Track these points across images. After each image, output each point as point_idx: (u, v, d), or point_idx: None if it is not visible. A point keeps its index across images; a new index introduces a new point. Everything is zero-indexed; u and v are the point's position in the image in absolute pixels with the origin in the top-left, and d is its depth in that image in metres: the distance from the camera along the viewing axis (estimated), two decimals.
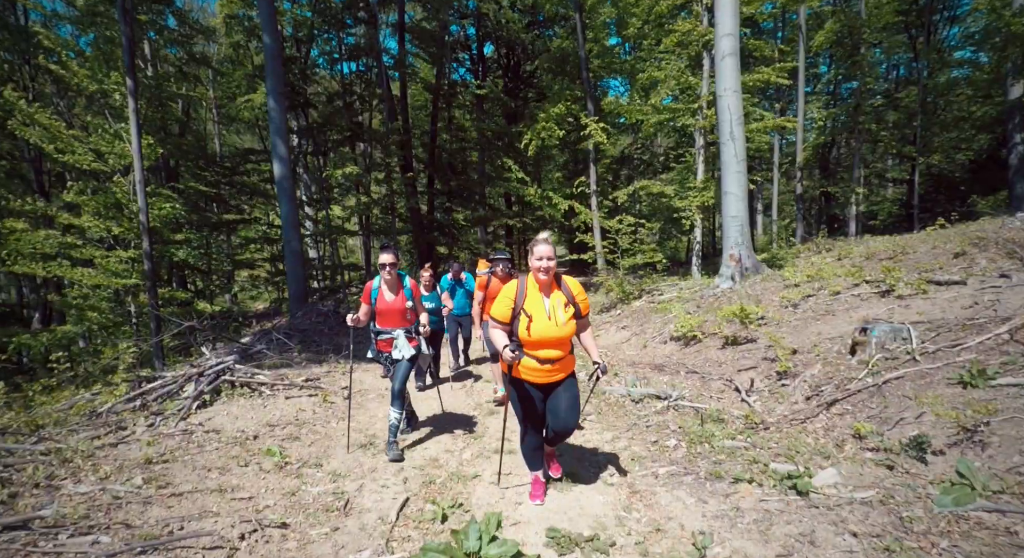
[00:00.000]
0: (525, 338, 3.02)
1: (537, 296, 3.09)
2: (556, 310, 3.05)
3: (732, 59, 8.49)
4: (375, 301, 4.33)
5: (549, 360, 3.07)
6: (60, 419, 4.98)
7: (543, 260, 3.04)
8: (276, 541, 3.00)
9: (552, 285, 3.13)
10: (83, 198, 10.50)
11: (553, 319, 3.02)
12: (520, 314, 3.04)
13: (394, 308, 4.31)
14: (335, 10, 16.02)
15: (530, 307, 3.04)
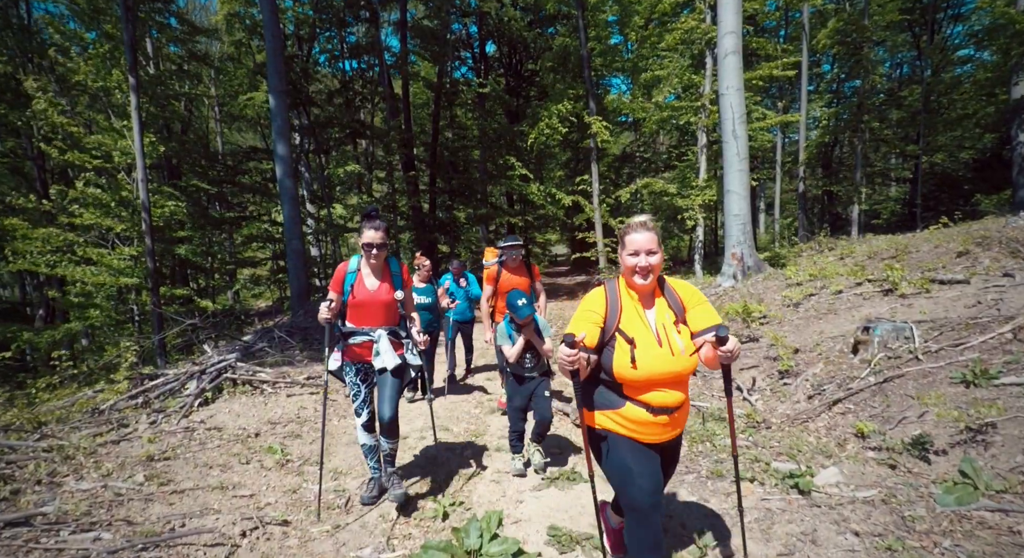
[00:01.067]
0: (628, 375, 2.00)
1: (635, 311, 2.08)
2: (667, 331, 2.05)
3: (735, 57, 8.46)
4: (350, 290, 3.25)
5: (665, 408, 2.03)
6: (62, 416, 4.99)
7: (641, 256, 2.03)
8: (277, 538, 3.00)
9: (655, 292, 2.15)
10: (90, 190, 10.52)
11: (667, 345, 2.01)
12: (615, 339, 2.04)
13: (377, 300, 3.25)
14: (337, 8, 15.99)
15: (630, 327, 2.04)
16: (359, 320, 3.27)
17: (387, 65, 16.72)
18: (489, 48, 20.72)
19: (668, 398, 2.01)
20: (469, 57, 20.75)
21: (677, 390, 2.03)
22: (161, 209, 11.68)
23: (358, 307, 3.24)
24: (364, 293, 3.24)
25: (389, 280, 3.30)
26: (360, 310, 3.25)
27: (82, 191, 10.46)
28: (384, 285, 3.27)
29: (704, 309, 2.11)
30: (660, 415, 2.02)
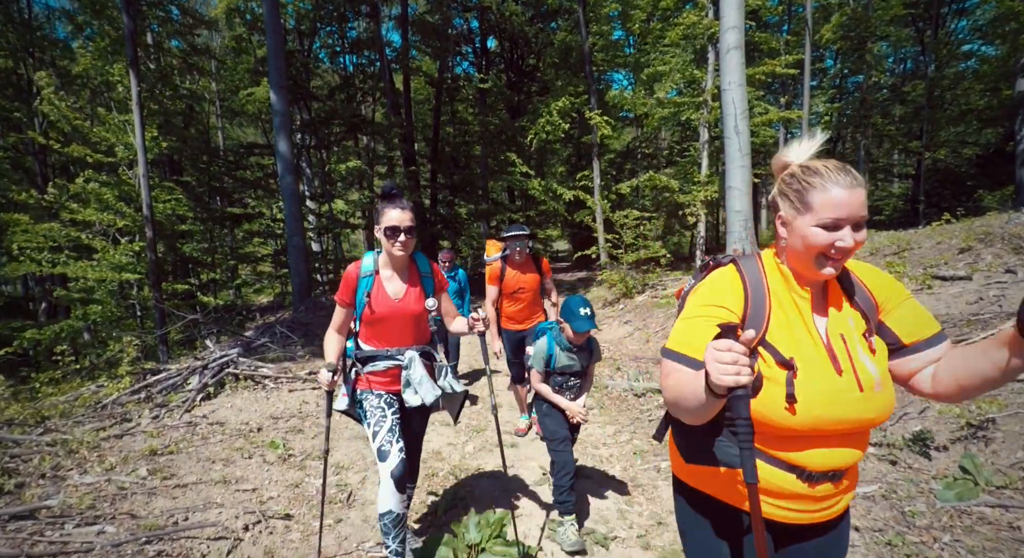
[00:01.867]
0: (779, 421, 1.15)
1: (798, 314, 1.23)
2: (851, 349, 1.20)
3: (737, 53, 8.42)
4: (365, 300, 2.38)
5: (830, 473, 1.20)
6: (66, 411, 5.02)
7: (846, 230, 1.14)
8: (279, 532, 3.02)
9: (833, 289, 1.27)
10: (91, 186, 10.54)
11: (850, 374, 1.17)
12: (757, 358, 1.19)
13: (404, 312, 2.41)
14: (337, 3, 15.94)
15: (785, 340, 1.20)
16: (380, 339, 2.42)
17: (388, 60, 16.68)
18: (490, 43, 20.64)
19: (837, 458, 1.18)
20: (470, 52, 20.67)
21: (855, 446, 1.20)
22: (163, 204, 11.69)
23: (378, 323, 2.38)
24: (386, 303, 2.35)
25: (418, 283, 2.43)
26: (381, 327, 2.39)
27: (83, 186, 10.47)
28: (412, 290, 2.39)
29: (912, 308, 1.25)
30: (820, 484, 1.20)
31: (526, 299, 4.27)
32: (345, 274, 2.39)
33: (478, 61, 20.44)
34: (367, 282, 2.37)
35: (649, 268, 12.00)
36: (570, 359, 2.92)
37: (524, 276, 4.21)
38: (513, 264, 4.17)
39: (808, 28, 15.68)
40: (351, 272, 2.38)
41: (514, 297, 4.25)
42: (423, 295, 2.43)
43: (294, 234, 11.11)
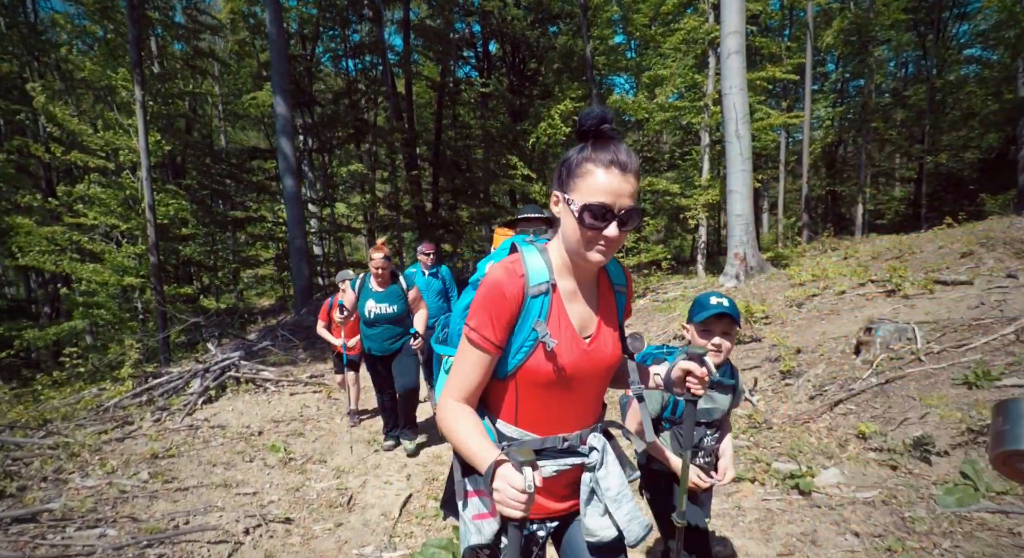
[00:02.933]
0: None
1: None
2: None
3: (738, 57, 8.45)
4: (531, 348, 1.18)
5: None
6: (68, 414, 5.04)
7: None
8: (280, 536, 3.03)
9: None
10: (94, 190, 10.60)
11: None
12: None
13: (600, 363, 1.21)
14: (340, 7, 16.03)
15: None
16: (550, 416, 1.25)
17: (390, 64, 16.74)
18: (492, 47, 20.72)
19: None
20: (472, 56, 20.73)
21: None
22: (165, 208, 11.73)
23: (553, 386, 1.22)
24: (576, 348, 1.21)
25: (611, 306, 1.32)
26: (555, 393, 1.23)
27: (87, 190, 10.52)
28: (605, 322, 1.28)
29: None
30: None
31: None
32: (490, 286, 1.15)
33: (480, 65, 20.50)
34: (538, 305, 1.17)
35: (650, 271, 12.00)
36: (709, 399, 1.87)
37: None
38: None
39: (809, 32, 15.71)
40: (500, 282, 1.15)
41: None
42: (618, 326, 1.30)
43: (296, 237, 11.14)
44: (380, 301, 4.07)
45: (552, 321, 1.17)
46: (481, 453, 1.09)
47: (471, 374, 1.18)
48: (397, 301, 4.11)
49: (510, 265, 1.18)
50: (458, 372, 1.20)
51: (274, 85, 10.68)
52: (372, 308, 4.06)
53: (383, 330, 4.09)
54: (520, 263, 1.18)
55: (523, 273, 1.16)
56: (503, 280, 1.15)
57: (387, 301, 4.08)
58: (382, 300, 4.08)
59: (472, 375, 1.19)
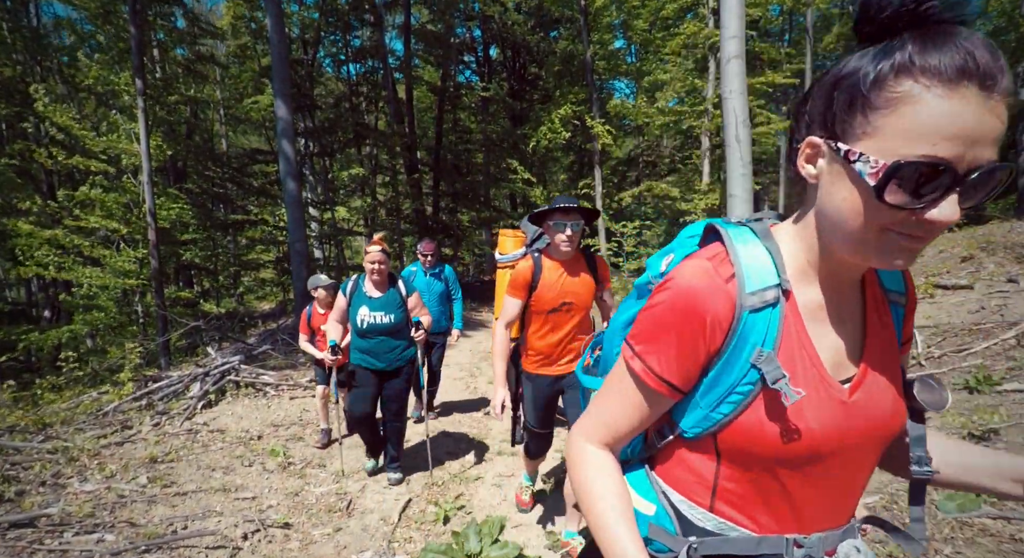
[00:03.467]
0: None
1: None
2: None
3: (738, 62, 8.44)
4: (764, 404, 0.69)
5: None
6: (67, 418, 5.03)
7: None
8: (279, 541, 3.02)
9: None
10: (96, 193, 10.62)
11: None
12: None
13: (872, 428, 0.63)
14: (342, 12, 16.10)
15: None
16: (773, 503, 0.72)
17: (391, 69, 16.80)
18: (492, 52, 20.81)
19: None
20: (472, 61, 20.83)
21: None
22: (167, 211, 11.75)
23: (790, 464, 0.69)
24: (825, 404, 0.68)
25: (889, 341, 0.78)
26: (794, 473, 0.70)
27: (88, 194, 10.55)
28: (881, 372, 0.73)
29: None
30: None
31: (572, 322, 2.64)
32: (676, 296, 0.71)
33: (480, 69, 20.59)
34: (762, 325, 0.70)
35: None
36: None
37: (573, 281, 2.57)
38: (552, 258, 2.56)
39: (809, 37, 15.77)
40: (694, 289, 0.70)
41: (552, 318, 2.61)
42: (898, 363, 0.77)
43: (296, 241, 11.13)
44: (375, 309, 3.49)
45: (785, 352, 0.69)
46: (621, 554, 0.70)
47: (626, 417, 0.77)
48: (395, 309, 3.53)
49: (709, 262, 0.71)
50: (606, 408, 0.79)
51: (275, 89, 10.71)
52: (365, 316, 3.48)
53: (377, 343, 3.50)
54: (727, 258, 0.71)
55: (732, 274, 0.70)
56: (699, 287, 0.69)
57: (384, 309, 3.50)
58: (378, 308, 3.49)
59: (627, 419, 0.77)
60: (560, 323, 2.63)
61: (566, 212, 2.37)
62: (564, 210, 2.36)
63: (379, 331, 3.51)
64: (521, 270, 2.54)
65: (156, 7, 12.75)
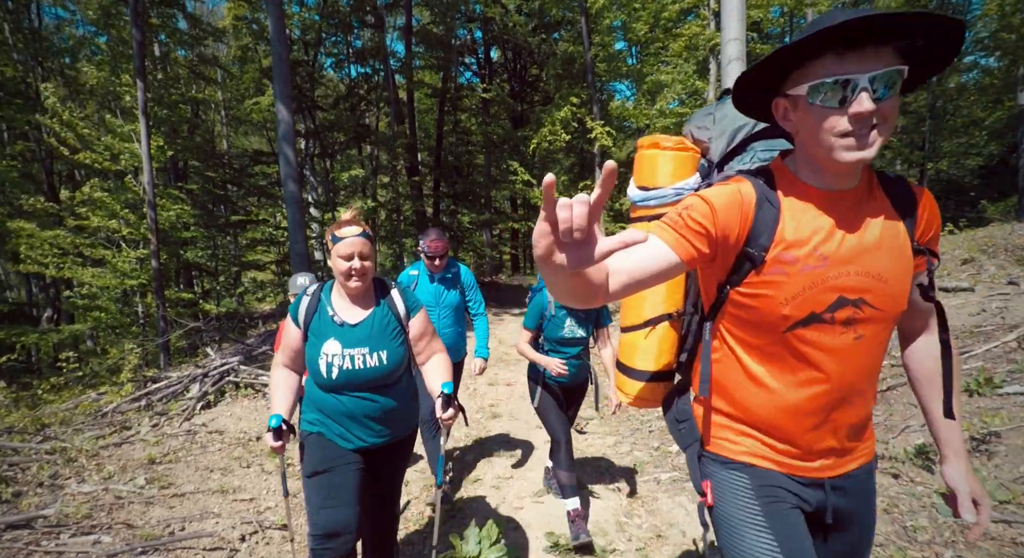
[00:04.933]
0: None
1: None
2: None
3: (738, 64, 8.46)
4: None
5: None
6: (66, 418, 5.02)
7: None
8: (276, 543, 3.00)
9: None
10: (98, 194, 10.63)
11: None
12: None
13: None
14: (343, 13, 16.12)
15: None
16: None
17: (392, 70, 16.82)
18: (493, 54, 20.85)
19: None
20: (474, 62, 20.87)
21: None
22: (167, 212, 11.76)
23: None
24: None
25: None
26: None
27: (89, 194, 10.56)
28: None
29: None
30: None
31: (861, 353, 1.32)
32: None
33: (481, 71, 20.62)
34: None
35: None
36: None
37: (870, 238, 1.22)
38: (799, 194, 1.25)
39: None
40: None
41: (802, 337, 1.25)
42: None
43: (297, 242, 11.14)
44: (353, 342, 1.98)
45: None
46: None
47: None
48: (388, 342, 2.02)
49: None
50: None
51: (276, 91, 10.72)
52: (334, 357, 1.95)
53: (356, 403, 1.98)
54: None
55: None
56: None
57: (368, 342, 1.98)
58: (357, 341, 1.98)
59: None
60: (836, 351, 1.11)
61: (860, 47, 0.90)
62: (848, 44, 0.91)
63: (361, 382, 1.98)
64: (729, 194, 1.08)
65: (158, 8, 12.78)
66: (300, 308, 2.03)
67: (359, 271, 1.94)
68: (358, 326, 2.00)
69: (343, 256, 1.94)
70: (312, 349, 1.99)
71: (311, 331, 2.00)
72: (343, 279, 1.96)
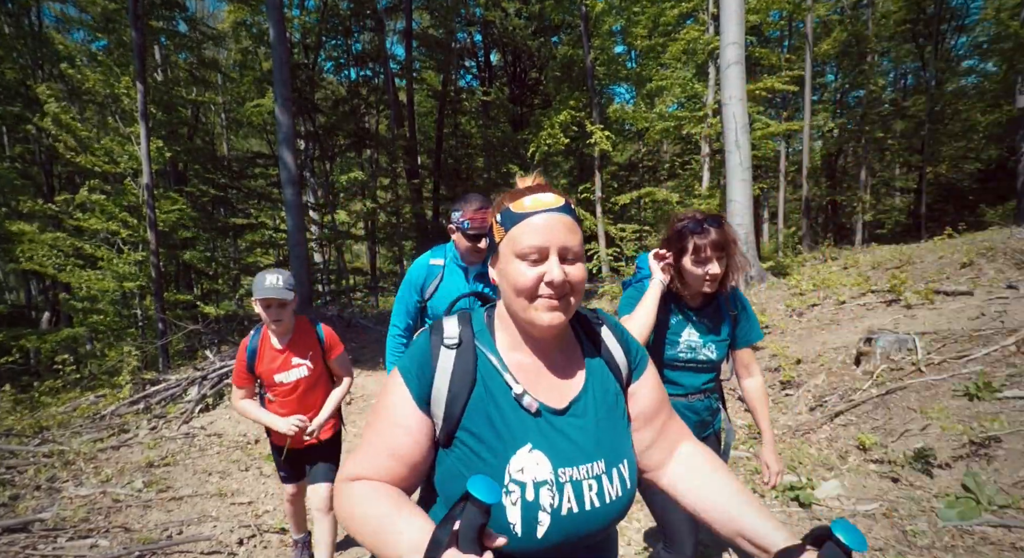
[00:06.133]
0: None
1: None
2: None
3: (737, 67, 8.49)
4: None
5: None
6: (64, 421, 5.01)
7: None
8: (274, 546, 2.99)
9: None
10: (97, 197, 10.63)
11: None
12: None
13: None
14: (343, 17, 16.18)
15: None
16: None
17: (392, 73, 16.87)
18: (493, 57, 20.90)
19: None
20: (473, 66, 20.92)
21: None
22: (167, 214, 11.76)
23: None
24: None
25: None
26: None
27: (88, 197, 10.56)
28: None
29: None
30: None
31: None
32: None
33: (481, 74, 20.67)
34: None
35: None
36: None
37: None
38: None
39: (808, 43, 15.82)
40: None
41: None
42: None
43: (296, 244, 11.14)
44: (569, 452, 0.90)
45: None
46: None
47: None
48: (624, 441, 0.97)
49: None
50: None
51: (276, 95, 10.74)
52: (541, 488, 0.86)
53: None
54: None
55: None
56: None
57: (601, 449, 0.92)
58: (575, 448, 0.90)
59: None
60: None
61: None
62: None
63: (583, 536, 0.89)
64: None
65: (158, 11, 12.81)
66: (432, 365, 0.92)
67: (560, 286, 0.87)
68: (571, 411, 0.93)
69: (529, 251, 0.88)
70: (468, 464, 0.88)
71: (469, 425, 0.89)
72: (523, 303, 0.89)
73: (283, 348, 2.44)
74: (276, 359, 2.43)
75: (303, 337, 2.48)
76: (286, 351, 2.44)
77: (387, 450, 0.90)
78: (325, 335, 2.52)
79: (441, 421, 0.90)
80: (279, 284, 2.30)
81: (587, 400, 0.95)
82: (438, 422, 0.90)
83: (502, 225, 0.93)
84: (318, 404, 2.57)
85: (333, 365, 2.58)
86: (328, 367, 2.59)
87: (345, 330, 10.53)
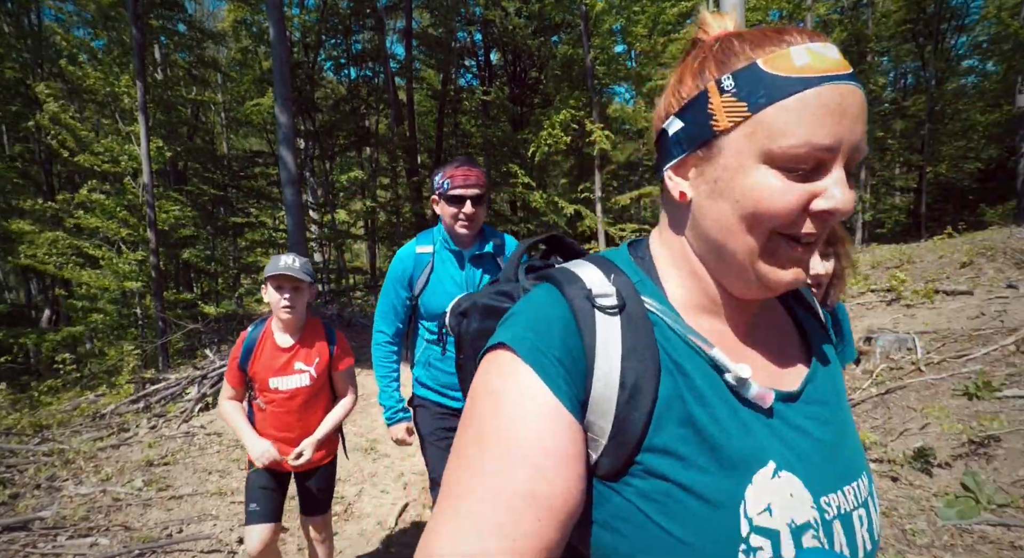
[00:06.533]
0: None
1: None
2: None
3: None
4: None
5: None
6: (64, 420, 5.01)
7: None
8: None
9: None
10: (97, 196, 10.64)
11: None
12: None
13: None
14: (343, 16, 16.16)
15: None
16: None
17: (392, 72, 16.86)
18: (493, 56, 20.90)
19: None
20: (473, 65, 20.91)
21: None
22: (166, 214, 11.76)
23: None
24: None
25: None
26: None
27: (88, 196, 10.57)
28: None
29: None
30: None
31: None
32: None
33: (481, 74, 20.66)
34: None
35: None
36: None
37: None
38: None
39: None
40: None
41: None
42: None
43: (296, 244, 11.14)
44: (825, 471, 0.55)
45: None
46: None
47: None
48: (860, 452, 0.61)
49: None
50: None
51: (276, 94, 10.73)
52: (793, 525, 0.50)
53: None
54: None
55: None
56: None
57: (851, 460, 0.58)
58: (829, 464, 0.55)
59: None
60: None
61: None
62: None
63: None
64: None
65: (158, 10, 12.81)
66: (586, 343, 0.52)
67: (841, 214, 0.53)
68: (806, 395, 0.59)
69: (807, 152, 0.50)
70: (666, 510, 0.50)
71: (660, 441, 0.51)
72: (752, 245, 0.53)
73: (287, 347, 2.09)
74: (276, 359, 2.06)
75: (313, 340, 2.14)
76: (290, 351, 2.08)
77: (521, 504, 0.46)
78: (338, 342, 2.19)
79: (607, 438, 0.51)
80: (295, 265, 2.03)
81: (823, 378, 0.61)
82: (600, 439, 0.51)
83: (736, 95, 0.52)
84: (318, 423, 2.17)
85: (337, 378, 2.21)
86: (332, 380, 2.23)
87: (345, 330, 10.55)
